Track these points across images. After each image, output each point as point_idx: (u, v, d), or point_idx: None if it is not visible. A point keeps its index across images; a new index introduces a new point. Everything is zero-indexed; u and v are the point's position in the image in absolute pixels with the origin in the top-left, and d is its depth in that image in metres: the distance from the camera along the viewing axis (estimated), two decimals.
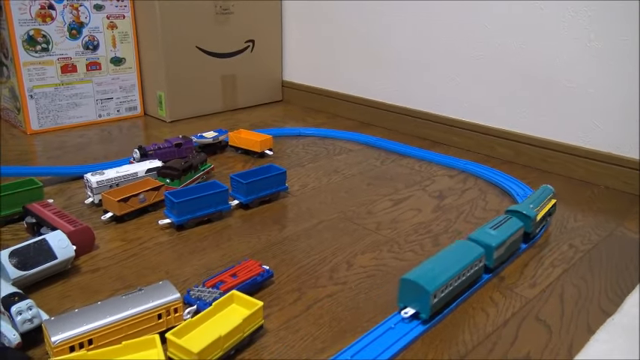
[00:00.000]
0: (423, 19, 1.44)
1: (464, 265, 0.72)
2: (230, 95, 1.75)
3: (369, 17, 1.58)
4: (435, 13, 1.41)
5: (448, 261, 0.72)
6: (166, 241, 0.90)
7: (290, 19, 1.83)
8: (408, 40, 1.49)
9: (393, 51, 1.54)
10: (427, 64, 1.46)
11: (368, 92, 1.66)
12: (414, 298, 0.68)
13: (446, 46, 1.41)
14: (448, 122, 1.44)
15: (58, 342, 0.57)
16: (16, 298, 0.63)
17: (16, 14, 1.36)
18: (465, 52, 1.37)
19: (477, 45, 1.34)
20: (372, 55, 1.61)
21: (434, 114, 1.48)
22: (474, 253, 0.75)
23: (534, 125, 1.27)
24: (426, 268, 0.70)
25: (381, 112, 1.62)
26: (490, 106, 1.35)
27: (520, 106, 1.29)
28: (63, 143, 1.40)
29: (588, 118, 1.18)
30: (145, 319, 0.63)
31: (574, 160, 1.22)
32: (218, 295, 0.70)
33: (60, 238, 0.78)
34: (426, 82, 1.48)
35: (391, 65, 1.56)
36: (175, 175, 1.05)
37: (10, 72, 1.44)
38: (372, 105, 1.64)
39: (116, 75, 1.58)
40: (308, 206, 1.05)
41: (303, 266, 0.83)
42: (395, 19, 1.51)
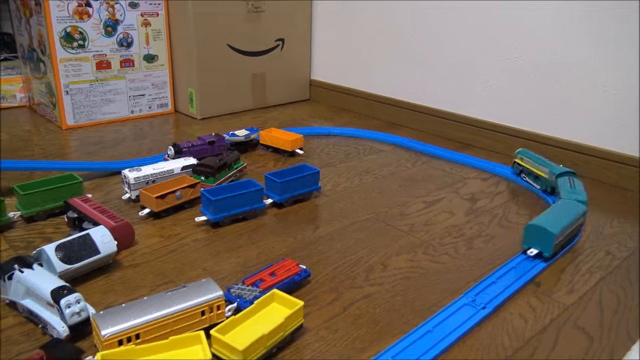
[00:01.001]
0: (456, 20, 1.43)
1: (575, 216, 0.89)
2: (259, 93, 1.76)
3: (399, 17, 1.57)
4: (467, 13, 1.40)
5: (562, 212, 0.89)
6: (203, 238, 0.92)
7: (319, 18, 1.83)
8: (439, 40, 1.49)
9: (423, 51, 1.54)
10: (457, 64, 1.46)
11: (396, 92, 1.66)
12: (539, 240, 0.85)
13: (477, 47, 1.40)
14: (477, 124, 1.43)
15: (107, 335, 0.58)
16: (65, 291, 0.65)
17: (54, 11, 1.38)
18: (497, 54, 1.36)
19: (510, 47, 1.33)
20: (401, 55, 1.60)
21: (463, 115, 1.47)
22: (581, 209, 0.92)
23: (566, 128, 1.26)
24: (547, 217, 0.86)
25: (408, 112, 1.62)
26: (521, 109, 1.34)
27: (552, 109, 1.28)
28: (98, 139, 1.42)
29: (621, 122, 1.17)
30: (189, 316, 0.64)
31: (606, 164, 1.20)
32: (258, 293, 0.71)
33: (103, 234, 0.79)
34: (456, 83, 1.48)
35: (420, 66, 1.56)
36: (210, 172, 1.07)
37: (47, 68, 1.47)
38: (399, 105, 1.64)
39: (148, 72, 1.61)
40: (341, 206, 1.06)
41: (339, 266, 0.84)
42: (426, 20, 1.50)
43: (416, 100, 1.60)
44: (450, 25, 1.45)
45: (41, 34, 1.44)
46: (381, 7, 1.62)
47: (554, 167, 1.08)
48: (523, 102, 1.33)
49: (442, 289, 0.78)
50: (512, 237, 0.95)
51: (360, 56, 1.74)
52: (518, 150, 1.20)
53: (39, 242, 0.89)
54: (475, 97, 1.44)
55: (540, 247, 0.85)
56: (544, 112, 1.30)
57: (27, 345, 0.65)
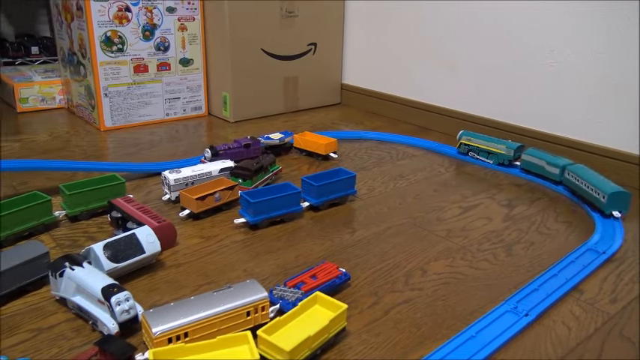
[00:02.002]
0: (491, 24, 1.43)
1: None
2: (291, 97, 1.78)
3: (433, 21, 1.57)
4: (503, 18, 1.39)
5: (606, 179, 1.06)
6: (242, 239, 0.93)
7: (352, 23, 1.84)
8: (472, 45, 1.48)
9: (456, 56, 1.53)
10: (493, 69, 1.45)
11: (427, 97, 1.66)
12: (619, 203, 1.01)
13: (515, 52, 1.39)
14: (513, 130, 1.42)
15: (158, 333, 0.60)
16: (115, 289, 0.67)
17: (96, 16, 1.42)
18: (536, 60, 1.35)
19: (550, 53, 1.32)
20: (433, 59, 1.60)
21: (497, 121, 1.46)
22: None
23: (607, 136, 1.24)
24: (613, 185, 1.03)
25: (440, 117, 1.61)
26: (559, 115, 1.33)
27: (592, 116, 1.26)
28: (135, 140, 1.45)
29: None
30: (235, 316, 0.65)
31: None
32: (300, 295, 0.72)
33: (148, 233, 0.81)
34: (491, 89, 1.47)
35: (454, 70, 1.55)
36: (248, 175, 1.08)
37: (87, 71, 1.51)
38: (431, 110, 1.64)
39: (184, 75, 1.63)
40: (377, 210, 1.06)
41: (378, 270, 0.84)
42: (458, 24, 1.50)
43: (447, 105, 1.60)
44: (483, 29, 1.45)
45: (82, 38, 1.48)
46: (412, 11, 1.62)
47: (509, 143, 1.28)
48: (563, 108, 1.32)
49: (482, 295, 0.78)
50: (551, 244, 0.94)
51: (391, 60, 1.74)
52: (462, 132, 1.36)
53: (83, 241, 0.91)
54: (511, 102, 1.43)
55: (620, 207, 1.01)
56: (585, 119, 1.28)
57: (77, 341, 0.67)
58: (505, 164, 1.28)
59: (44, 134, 1.48)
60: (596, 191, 1.04)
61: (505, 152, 1.27)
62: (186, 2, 1.57)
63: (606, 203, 1.00)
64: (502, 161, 1.28)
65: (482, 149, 1.31)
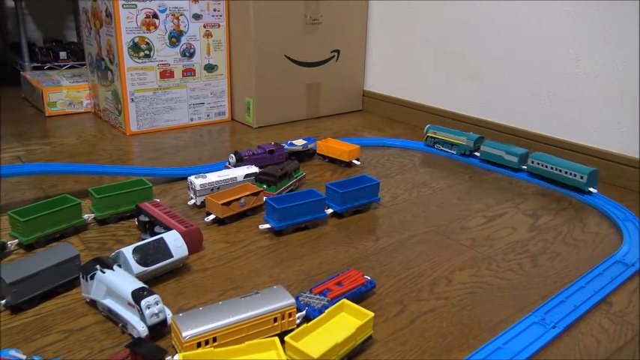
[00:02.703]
0: (513, 32, 1.42)
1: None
2: (313, 103, 1.79)
3: (455, 29, 1.57)
4: (527, 25, 1.38)
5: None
6: (267, 245, 0.94)
7: (374, 30, 1.85)
8: (496, 52, 1.48)
9: (478, 64, 1.53)
10: (515, 77, 1.44)
11: (449, 104, 1.65)
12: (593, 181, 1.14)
13: (538, 60, 1.38)
14: (537, 138, 1.41)
15: (188, 337, 0.61)
16: (145, 292, 0.68)
17: (124, 22, 1.45)
18: (559, 68, 1.34)
19: (573, 61, 1.30)
20: (456, 67, 1.60)
21: (520, 129, 1.45)
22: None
23: (632, 145, 1.23)
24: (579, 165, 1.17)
25: (462, 124, 1.60)
26: (584, 124, 1.31)
27: (617, 125, 1.25)
28: (159, 145, 1.47)
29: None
30: (263, 322, 0.66)
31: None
32: (327, 302, 0.72)
33: (176, 238, 0.82)
34: (514, 97, 1.46)
35: (475, 78, 1.55)
36: (272, 181, 1.09)
37: (114, 76, 1.53)
38: (453, 117, 1.63)
39: (208, 81, 1.65)
40: (400, 218, 1.06)
41: (403, 279, 0.84)
42: (482, 31, 1.50)
43: (470, 113, 1.59)
44: (506, 37, 1.44)
45: (110, 44, 1.50)
46: (435, 19, 1.62)
47: (470, 135, 1.39)
48: (587, 117, 1.31)
49: (509, 306, 0.78)
50: (578, 255, 0.93)
51: (413, 67, 1.74)
52: (428, 126, 1.47)
53: (112, 244, 0.93)
54: (535, 111, 1.42)
55: (593, 184, 1.16)
56: (609, 128, 1.27)
57: (107, 343, 0.68)
58: (467, 154, 1.40)
59: (72, 138, 1.51)
60: (572, 173, 1.18)
61: (466, 143, 1.39)
62: (212, 9, 1.59)
63: (585, 182, 1.15)
64: (464, 152, 1.40)
65: (447, 141, 1.42)
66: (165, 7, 1.50)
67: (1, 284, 0.72)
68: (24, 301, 0.73)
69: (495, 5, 1.45)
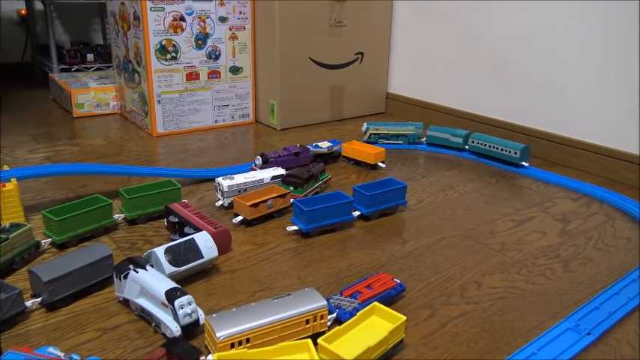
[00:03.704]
0: (543, 34, 1.40)
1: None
2: (337, 106, 1.79)
3: (480, 31, 1.56)
4: (556, 27, 1.37)
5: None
6: (294, 247, 0.94)
7: (398, 33, 1.84)
8: (525, 54, 1.46)
9: (505, 65, 1.51)
10: (545, 80, 1.42)
11: (474, 107, 1.64)
12: (526, 156, 1.28)
13: (568, 63, 1.36)
14: (567, 142, 1.39)
15: (222, 338, 0.61)
16: (178, 293, 0.68)
17: (152, 25, 1.47)
18: (590, 70, 1.32)
19: (604, 63, 1.29)
20: (481, 69, 1.59)
21: (550, 133, 1.43)
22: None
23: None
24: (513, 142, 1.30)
25: (489, 127, 1.59)
26: (615, 128, 1.29)
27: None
28: (185, 146, 1.49)
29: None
30: (295, 323, 0.66)
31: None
32: (357, 305, 0.72)
33: (206, 239, 0.83)
34: (543, 99, 1.44)
35: (504, 80, 1.53)
36: (299, 183, 1.09)
37: (141, 78, 1.55)
38: (479, 120, 1.62)
39: (233, 83, 1.67)
40: (427, 221, 1.05)
41: (432, 282, 0.84)
42: (509, 33, 1.48)
43: (496, 116, 1.58)
44: (536, 39, 1.42)
45: (138, 47, 1.52)
46: (460, 21, 1.61)
47: (416, 124, 1.50)
48: (618, 121, 1.29)
49: (541, 312, 0.77)
50: (610, 261, 0.91)
51: (438, 70, 1.73)
52: (366, 125, 1.49)
53: (142, 244, 0.94)
54: (565, 114, 1.40)
55: (526, 159, 1.31)
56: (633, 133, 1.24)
57: (140, 342, 0.69)
58: (415, 142, 1.50)
59: (99, 139, 1.54)
60: (507, 150, 1.32)
61: (414, 132, 1.48)
62: (238, 12, 1.60)
63: (519, 157, 1.30)
64: (412, 140, 1.49)
65: (392, 134, 1.48)
66: (192, 10, 1.52)
67: (37, 282, 0.73)
68: (59, 299, 0.74)
69: (522, 5, 1.44)
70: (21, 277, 0.83)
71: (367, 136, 1.48)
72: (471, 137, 1.41)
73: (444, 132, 1.46)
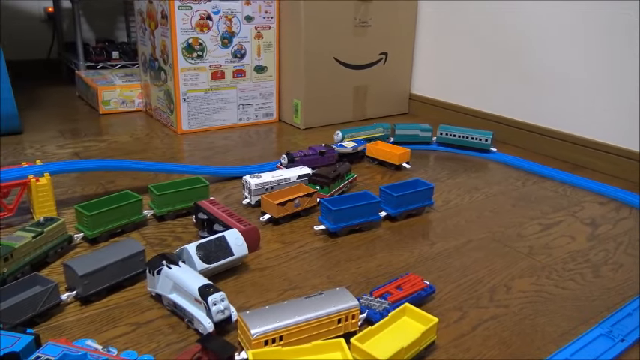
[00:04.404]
0: (571, 36, 1.39)
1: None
2: (360, 106, 1.79)
3: (506, 32, 1.55)
4: (583, 28, 1.35)
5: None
6: (322, 246, 0.94)
7: (423, 33, 1.84)
8: (550, 56, 1.45)
9: (531, 67, 1.50)
10: (571, 82, 1.41)
11: (500, 109, 1.63)
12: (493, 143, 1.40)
13: (596, 65, 1.35)
14: (593, 145, 1.38)
15: (256, 335, 0.62)
16: (211, 289, 0.69)
17: (179, 24, 1.48)
18: (619, 73, 1.30)
19: (633, 66, 1.27)
20: (506, 71, 1.57)
21: (576, 136, 1.42)
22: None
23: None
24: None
25: (514, 130, 1.58)
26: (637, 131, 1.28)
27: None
28: (210, 144, 1.50)
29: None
30: (327, 322, 0.66)
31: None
32: (387, 305, 0.72)
33: (236, 237, 0.84)
34: (569, 101, 1.43)
35: (529, 82, 1.52)
36: (326, 182, 1.10)
37: (167, 76, 1.57)
38: (501, 122, 1.61)
39: (257, 82, 1.68)
40: (454, 223, 1.05)
41: (461, 285, 0.83)
42: (535, 34, 1.47)
43: (521, 118, 1.57)
44: (562, 40, 1.41)
45: (165, 45, 1.54)
46: (485, 22, 1.60)
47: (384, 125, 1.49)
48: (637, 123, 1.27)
49: (572, 317, 0.76)
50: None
51: (462, 71, 1.72)
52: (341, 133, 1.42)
53: (171, 240, 0.95)
54: (592, 117, 1.38)
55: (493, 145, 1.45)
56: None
57: (174, 337, 0.70)
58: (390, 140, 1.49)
59: (125, 136, 1.56)
60: (477, 138, 1.42)
61: (384, 132, 1.48)
62: (264, 11, 1.61)
63: (490, 143, 1.41)
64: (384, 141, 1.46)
65: (366, 139, 1.44)
66: (219, 9, 1.53)
67: (72, 276, 0.75)
68: (93, 293, 0.75)
69: (548, 5, 1.42)
70: (55, 270, 0.84)
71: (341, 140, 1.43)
72: (439, 129, 1.47)
73: (412, 128, 1.48)
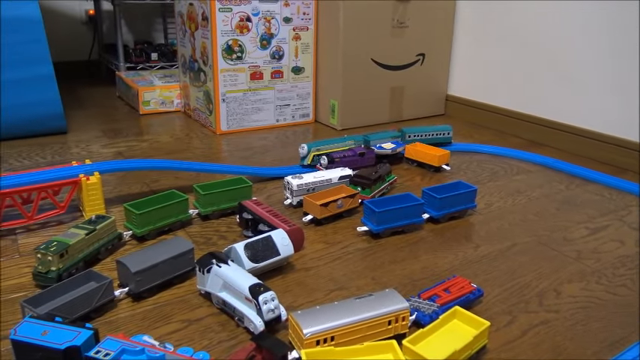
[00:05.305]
0: (612, 36, 1.35)
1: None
2: (396, 107, 1.78)
3: (544, 32, 1.52)
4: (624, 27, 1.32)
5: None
6: (365, 247, 0.94)
7: (461, 34, 1.82)
8: (591, 56, 1.41)
9: (571, 67, 1.47)
10: (614, 81, 1.38)
11: (539, 109, 1.60)
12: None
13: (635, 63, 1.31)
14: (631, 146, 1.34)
15: (309, 334, 0.62)
16: (262, 288, 0.70)
17: (220, 26, 1.50)
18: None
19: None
20: (545, 70, 1.55)
21: (620, 138, 1.39)
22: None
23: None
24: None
25: (554, 131, 1.55)
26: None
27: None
28: (248, 145, 1.52)
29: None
30: (378, 324, 0.66)
31: None
32: (436, 308, 0.72)
33: (283, 237, 0.85)
34: (613, 102, 1.39)
35: (567, 82, 1.49)
36: (367, 184, 1.10)
37: (207, 77, 1.59)
38: (543, 124, 1.58)
39: (295, 83, 1.69)
40: (497, 226, 1.04)
41: (508, 289, 0.82)
42: (575, 34, 1.44)
43: (561, 119, 1.54)
44: (602, 42, 1.38)
45: (205, 46, 1.56)
46: (524, 21, 1.57)
47: (356, 137, 1.37)
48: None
49: (626, 323, 0.74)
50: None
51: (500, 72, 1.70)
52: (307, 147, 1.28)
53: (216, 239, 0.96)
54: (633, 118, 1.35)
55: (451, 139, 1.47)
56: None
57: (224, 335, 0.71)
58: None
59: (166, 136, 1.58)
60: (441, 133, 1.46)
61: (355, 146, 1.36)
62: (302, 12, 1.62)
63: (451, 136, 1.47)
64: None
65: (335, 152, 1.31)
66: (258, 11, 1.55)
67: (125, 273, 0.76)
68: (145, 290, 0.77)
69: (587, 5, 1.39)
70: (106, 267, 0.86)
71: (310, 159, 1.28)
72: (406, 133, 1.43)
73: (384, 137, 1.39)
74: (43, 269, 0.79)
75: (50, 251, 0.78)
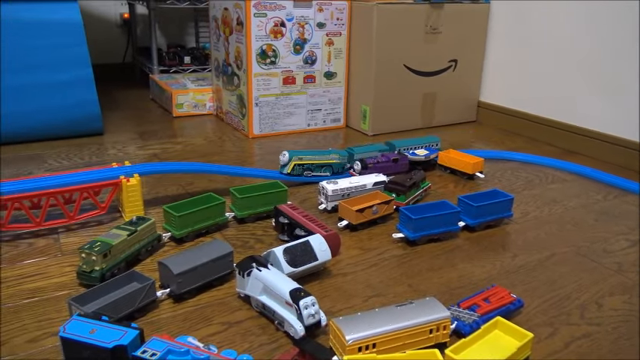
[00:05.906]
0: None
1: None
2: (428, 113, 1.78)
3: (578, 38, 1.50)
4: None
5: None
6: (401, 254, 0.94)
7: (494, 40, 1.80)
8: (627, 64, 1.39)
9: (606, 75, 1.44)
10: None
11: (573, 118, 1.58)
12: None
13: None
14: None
15: (351, 341, 0.62)
16: (302, 293, 0.70)
17: (254, 31, 1.52)
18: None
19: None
20: (579, 78, 1.52)
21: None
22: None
23: None
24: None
25: (588, 140, 1.53)
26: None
27: None
28: (281, 149, 1.52)
29: None
30: (419, 332, 0.66)
31: None
32: (477, 318, 0.72)
33: (320, 242, 0.85)
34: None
35: (602, 90, 1.46)
36: (402, 190, 1.09)
37: (240, 81, 1.61)
38: (576, 132, 1.56)
39: (327, 88, 1.69)
40: (534, 236, 1.03)
41: (548, 300, 0.81)
42: (612, 39, 1.41)
43: (597, 128, 1.51)
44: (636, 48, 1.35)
45: (239, 51, 1.58)
46: (559, 27, 1.55)
47: (340, 151, 1.29)
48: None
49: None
50: None
51: (534, 79, 1.68)
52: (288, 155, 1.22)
53: (252, 243, 0.97)
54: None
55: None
56: None
57: (264, 338, 0.71)
58: (340, 172, 1.29)
59: (199, 138, 1.60)
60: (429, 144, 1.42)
61: (339, 160, 1.28)
62: (335, 18, 1.63)
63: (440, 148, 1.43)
64: (337, 170, 1.28)
65: (316, 164, 1.25)
66: (293, 16, 1.56)
67: (167, 274, 0.78)
68: (186, 292, 0.78)
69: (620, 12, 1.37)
70: (146, 267, 0.88)
71: (291, 168, 1.23)
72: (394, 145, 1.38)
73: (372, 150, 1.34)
74: (87, 268, 0.81)
75: (94, 251, 0.80)
